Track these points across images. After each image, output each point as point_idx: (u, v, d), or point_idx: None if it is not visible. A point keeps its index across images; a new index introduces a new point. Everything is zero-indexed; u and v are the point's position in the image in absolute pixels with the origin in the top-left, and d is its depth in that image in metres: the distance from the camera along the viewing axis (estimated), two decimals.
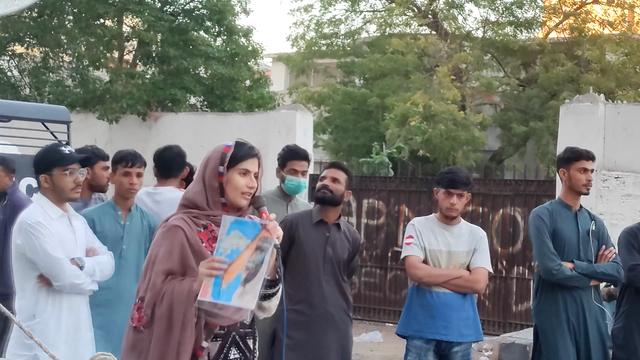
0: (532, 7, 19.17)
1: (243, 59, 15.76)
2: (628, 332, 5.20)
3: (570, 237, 5.14)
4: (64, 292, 4.29)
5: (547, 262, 5.07)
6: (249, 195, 3.29)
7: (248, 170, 3.28)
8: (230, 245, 3.06)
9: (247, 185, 3.27)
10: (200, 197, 3.29)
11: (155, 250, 3.23)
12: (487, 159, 18.66)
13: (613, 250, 5.19)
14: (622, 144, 10.85)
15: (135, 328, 3.17)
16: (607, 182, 10.85)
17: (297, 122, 12.80)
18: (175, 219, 3.26)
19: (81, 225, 4.53)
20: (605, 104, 11.24)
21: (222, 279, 3.03)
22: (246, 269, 3.05)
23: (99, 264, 4.45)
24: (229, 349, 3.26)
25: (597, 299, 5.16)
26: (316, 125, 16.70)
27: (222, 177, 3.27)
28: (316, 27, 19.84)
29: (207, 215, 3.27)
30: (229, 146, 3.31)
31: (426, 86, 16.70)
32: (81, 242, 4.46)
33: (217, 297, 3.03)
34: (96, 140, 14.49)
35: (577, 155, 5.25)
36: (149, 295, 3.15)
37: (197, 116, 14.85)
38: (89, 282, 4.37)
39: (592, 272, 5.06)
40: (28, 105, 10.03)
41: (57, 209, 4.36)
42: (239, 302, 3.05)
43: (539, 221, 5.17)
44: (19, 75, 15.99)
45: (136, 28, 15.58)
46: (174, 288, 3.10)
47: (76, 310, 4.36)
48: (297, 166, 5.35)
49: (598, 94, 12.61)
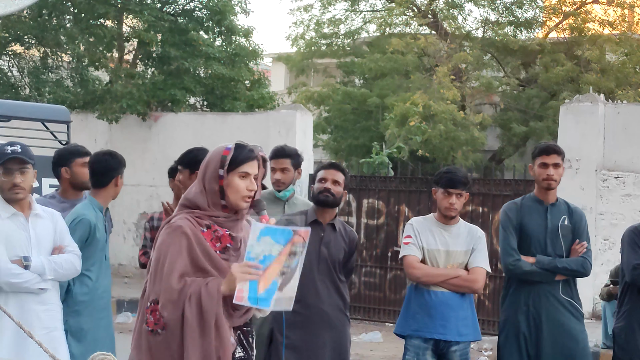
0: (532, 7, 19.17)
1: (243, 59, 15.77)
2: (630, 332, 5.16)
3: (537, 231, 5.12)
4: (10, 292, 4.27)
5: (505, 257, 5.12)
6: (249, 198, 3.31)
7: (248, 173, 3.30)
8: (262, 252, 3.10)
9: (247, 188, 3.29)
10: (201, 199, 3.30)
11: (162, 251, 3.22)
12: (486, 159, 18.65)
13: (585, 245, 5.13)
14: (622, 144, 10.85)
15: (153, 331, 3.15)
16: (607, 182, 10.85)
17: (297, 122, 12.81)
18: (179, 218, 3.27)
19: (46, 224, 4.46)
20: (605, 104, 11.25)
21: (258, 284, 3.07)
22: (282, 274, 3.12)
23: (53, 262, 4.39)
24: (235, 348, 3.28)
25: (567, 293, 5.10)
26: (316, 125, 16.71)
27: (223, 180, 3.28)
28: (316, 27, 19.83)
29: (209, 215, 3.29)
30: (229, 149, 3.32)
31: (426, 86, 16.69)
32: (43, 241, 4.41)
33: (254, 303, 3.09)
34: (96, 141, 14.50)
35: (538, 150, 5.24)
36: (164, 298, 3.14)
37: (197, 116, 14.85)
38: (35, 280, 4.32)
39: (554, 267, 5.02)
40: (28, 105, 10.03)
41: (9, 208, 4.34)
42: (277, 306, 3.13)
43: (504, 216, 5.21)
44: (19, 75, 15.98)
45: (136, 28, 15.58)
46: (200, 290, 3.11)
47: (24, 309, 4.30)
48: (273, 164, 5.40)
49: (598, 94, 12.61)
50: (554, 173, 5.12)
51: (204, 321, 3.10)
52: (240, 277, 3.07)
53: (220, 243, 3.27)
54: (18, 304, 4.30)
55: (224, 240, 3.28)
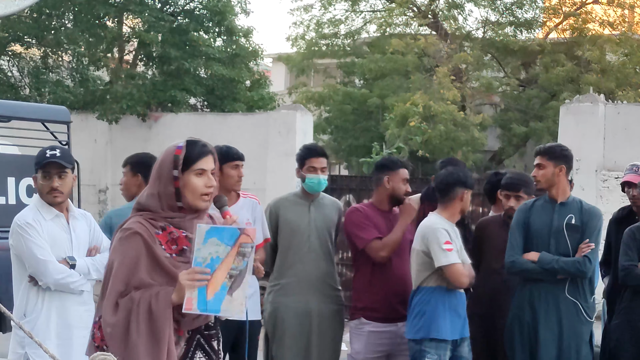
0: (532, 7, 19.16)
1: (243, 59, 15.77)
2: (622, 330, 5.23)
3: (542, 230, 5.11)
4: (54, 292, 4.32)
5: (507, 254, 5.16)
6: (207, 196, 3.16)
7: (204, 170, 3.15)
8: (209, 254, 2.96)
9: (205, 185, 3.14)
10: (153, 202, 3.14)
11: (112, 259, 3.09)
12: (487, 159, 18.65)
13: (590, 245, 5.05)
14: (622, 144, 10.85)
15: (98, 347, 3.04)
16: (607, 182, 10.85)
17: (297, 123, 12.80)
18: (132, 222, 3.11)
19: (83, 225, 4.54)
20: (605, 104, 11.25)
21: (206, 289, 2.95)
22: (230, 277, 2.97)
23: (95, 262, 4.46)
24: (194, 352, 3.18)
25: (573, 293, 5.04)
26: (316, 126, 16.69)
27: (178, 182, 3.12)
28: (316, 27, 19.82)
29: (164, 217, 3.13)
30: (181, 147, 3.16)
31: (426, 86, 16.69)
32: (81, 242, 4.48)
33: (204, 309, 2.96)
34: (96, 141, 14.51)
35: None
36: (105, 316, 3.00)
37: (197, 116, 14.85)
38: (80, 281, 4.38)
39: (552, 267, 4.99)
40: (28, 105, 10.01)
41: (52, 210, 4.40)
42: (228, 312, 3.00)
43: (515, 215, 5.25)
44: (19, 75, 15.99)
45: (136, 28, 15.59)
46: (149, 303, 2.97)
47: (67, 309, 4.38)
48: (315, 163, 5.40)
49: (598, 94, 12.60)
50: (536, 174, 5.17)
51: (156, 335, 2.96)
52: (188, 284, 2.92)
53: (177, 245, 3.11)
54: (61, 304, 4.36)
55: (180, 243, 3.12)
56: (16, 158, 7.37)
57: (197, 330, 3.18)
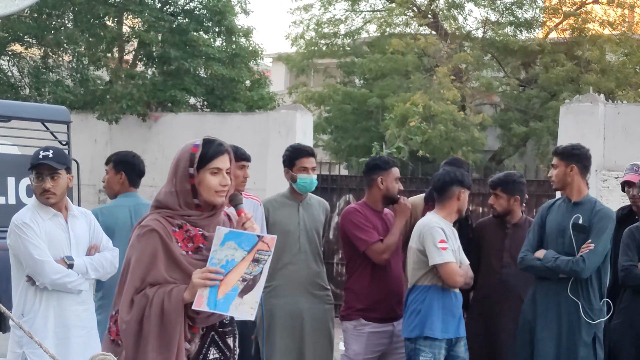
0: (532, 7, 19.15)
1: (243, 59, 15.76)
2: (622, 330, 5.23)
3: (552, 229, 5.14)
4: (52, 292, 4.32)
5: (520, 251, 5.21)
6: (223, 193, 3.23)
7: (219, 169, 3.22)
8: (225, 256, 3.05)
9: (220, 183, 3.21)
10: (171, 199, 3.21)
11: (130, 255, 3.15)
12: (487, 159, 18.64)
13: (589, 245, 5.02)
14: (622, 144, 10.84)
15: (114, 341, 3.11)
16: (607, 182, 10.84)
17: (297, 122, 12.79)
18: (150, 219, 3.18)
19: (83, 224, 4.54)
20: (605, 104, 11.25)
21: (218, 289, 3.02)
22: (243, 280, 3.05)
23: (94, 262, 4.46)
24: (208, 349, 3.22)
25: (576, 293, 5.00)
26: (316, 126, 16.69)
27: (194, 179, 3.20)
28: (316, 27, 19.81)
29: (181, 215, 3.19)
30: (197, 145, 3.24)
31: (426, 86, 16.68)
32: (80, 241, 4.48)
33: (213, 307, 3.03)
34: (96, 141, 14.51)
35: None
36: (121, 312, 3.07)
37: (197, 116, 14.85)
38: (78, 280, 4.38)
39: (550, 265, 4.99)
40: (28, 105, 10.01)
41: (50, 209, 4.40)
42: (237, 312, 3.07)
43: (538, 213, 5.30)
44: (19, 75, 15.99)
45: (136, 28, 15.58)
46: (162, 300, 3.03)
47: (65, 309, 4.38)
48: (306, 163, 5.42)
49: (598, 94, 12.60)
50: (551, 174, 5.21)
51: (167, 333, 3.02)
52: (200, 283, 3.01)
53: (193, 243, 3.18)
54: (59, 303, 4.37)
55: (197, 240, 3.19)
56: (16, 158, 7.37)
57: (211, 327, 3.22)
